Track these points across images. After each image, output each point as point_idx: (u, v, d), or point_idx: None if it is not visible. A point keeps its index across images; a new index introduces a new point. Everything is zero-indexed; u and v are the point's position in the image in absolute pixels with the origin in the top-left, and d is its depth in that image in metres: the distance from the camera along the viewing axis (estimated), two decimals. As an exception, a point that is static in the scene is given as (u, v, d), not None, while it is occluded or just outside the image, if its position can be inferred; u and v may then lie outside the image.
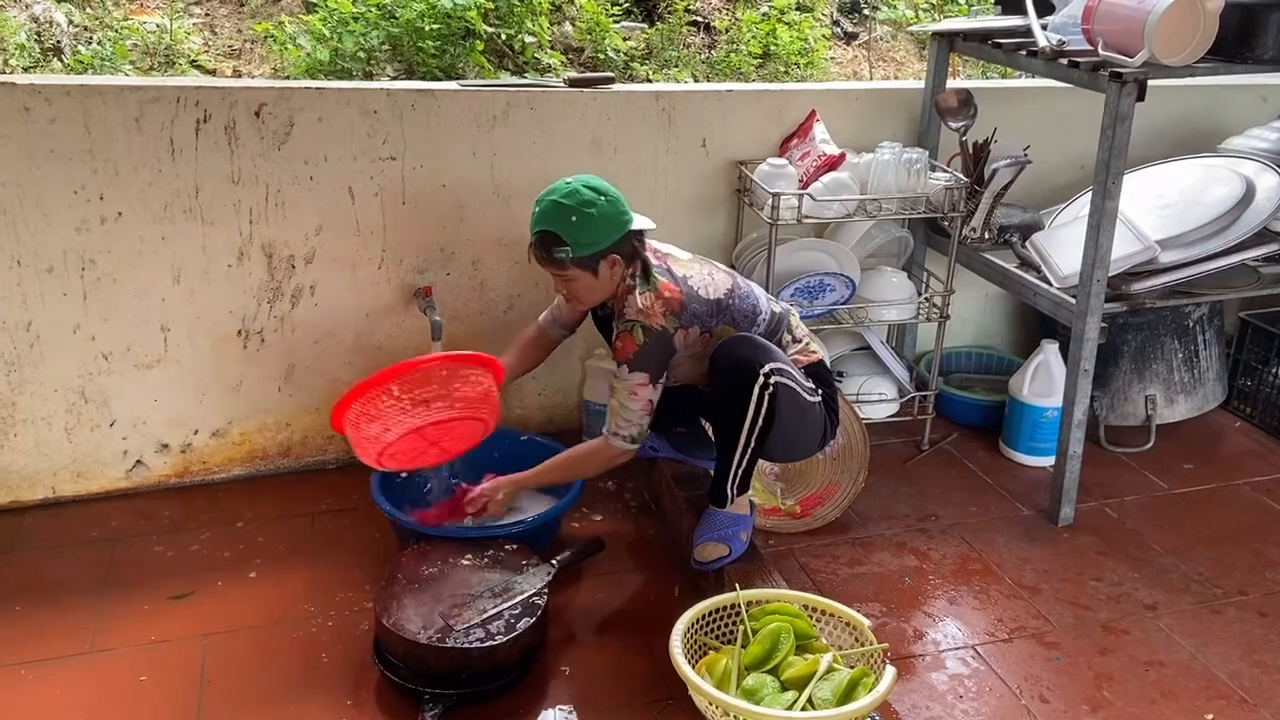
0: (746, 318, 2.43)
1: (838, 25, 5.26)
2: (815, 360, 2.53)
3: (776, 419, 2.33)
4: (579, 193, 2.31)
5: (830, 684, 1.97)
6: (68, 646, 2.30)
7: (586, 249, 2.31)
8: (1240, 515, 2.99)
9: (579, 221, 2.29)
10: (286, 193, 2.76)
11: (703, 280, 2.42)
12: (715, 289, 2.42)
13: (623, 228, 2.33)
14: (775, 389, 2.30)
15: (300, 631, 2.38)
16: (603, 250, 2.32)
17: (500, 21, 4.09)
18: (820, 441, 2.53)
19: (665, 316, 2.33)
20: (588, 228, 2.29)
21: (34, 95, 2.49)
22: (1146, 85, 2.55)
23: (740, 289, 2.47)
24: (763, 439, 2.36)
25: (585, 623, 2.46)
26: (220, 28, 4.30)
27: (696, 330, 2.39)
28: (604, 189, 2.35)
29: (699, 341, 2.41)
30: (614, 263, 2.34)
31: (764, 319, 2.46)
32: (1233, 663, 2.39)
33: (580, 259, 2.32)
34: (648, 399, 2.36)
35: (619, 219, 2.33)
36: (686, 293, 2.37)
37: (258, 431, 2.96)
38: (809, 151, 3.02)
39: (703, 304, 2.38)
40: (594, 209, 2.30)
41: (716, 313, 2.40)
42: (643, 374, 2.34)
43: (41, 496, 2.82)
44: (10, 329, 2.65)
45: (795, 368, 2.41)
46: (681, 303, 2.35)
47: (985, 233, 3.14)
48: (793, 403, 2.36)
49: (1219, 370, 3.43)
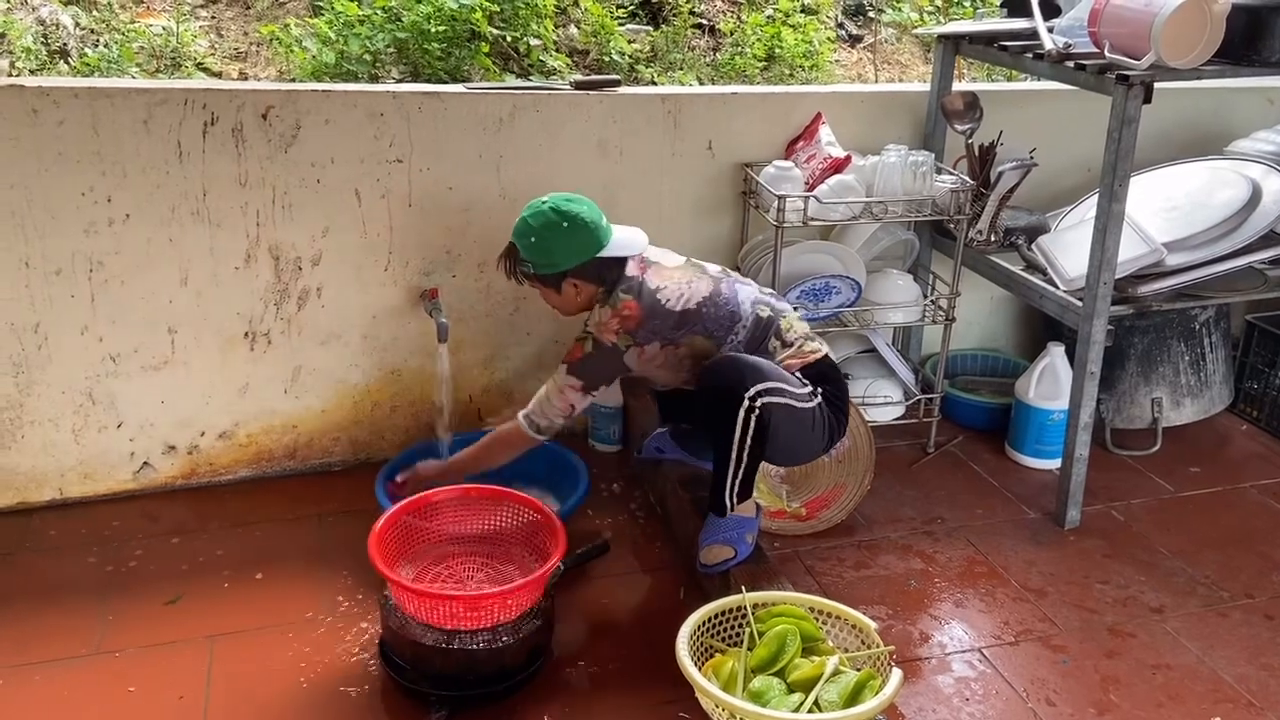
0: (722, 325, 2.40)
1: (842, 28, 5.26)
2: (814, 360, 2.45)
3: (770, 434, 2.31)
4: (545, 215, 2.38)
5: (837, 686, 1.97)
6: (74, 648, 2.31)
7: (545, 269, 2.42)
8: (1247, 518, 2.99)
9: (537, 243, 2.39)
10: (293, 195, 2.77)
11: (677, 291, 2.40)
12: (689, 299, 2.39)
13: (586, 254, 2.38)
14: (762, 410, 2.27)
15: (306, 633, 2.38)
16: (562, 272, 2.40)
17: (505, 24, 4.09)
18: (827, 442, 2.49)
19: (618, 334, 2.37)
20: (546, 251, 2.39)
21: (42, 98, 2.50)
22: (1153, 88, 2.55)
23: (721, 295, 2.42)
24: (757, 453, 2.34)
25: (591, 625, 2.46)
26: (226, 30, 4.31)
27: (656, 345, 2.39)
28: (573, 215, 2.38)
29: (660, 355, 2.41)
30: (575, 285, 2.42)
31: (744, 325, 2.41)
32: (1239, 666, 2.38)
33: (541, 276, 2.43)
34: (571, 403, 2.42)
35: (582, 246, 2.38)
36: (648, 309, 2.37)
37: (264, 433, 2.97)
38: (815, 154, 3.02)
39: (665, 317, 2.37)
40: (551, 233, 2.37)
41: (681, 324, 2.38)
42: (578, 380, 2.40)
43: (49, 498, 2.83)
44: (18, 330, 2.66)
45: (788, 376, 2.36)
46: (639, 321, 2.36)
47: (991, 235, 3.14)
48: (788, 417, 2.32)
49: (1225, 373, 3.43)
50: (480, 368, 3.12)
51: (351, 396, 3.02)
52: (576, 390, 2.41)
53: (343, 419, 3.03)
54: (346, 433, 3.04)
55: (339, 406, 3.01)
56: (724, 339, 2.40)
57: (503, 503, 2.46)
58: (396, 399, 3.06)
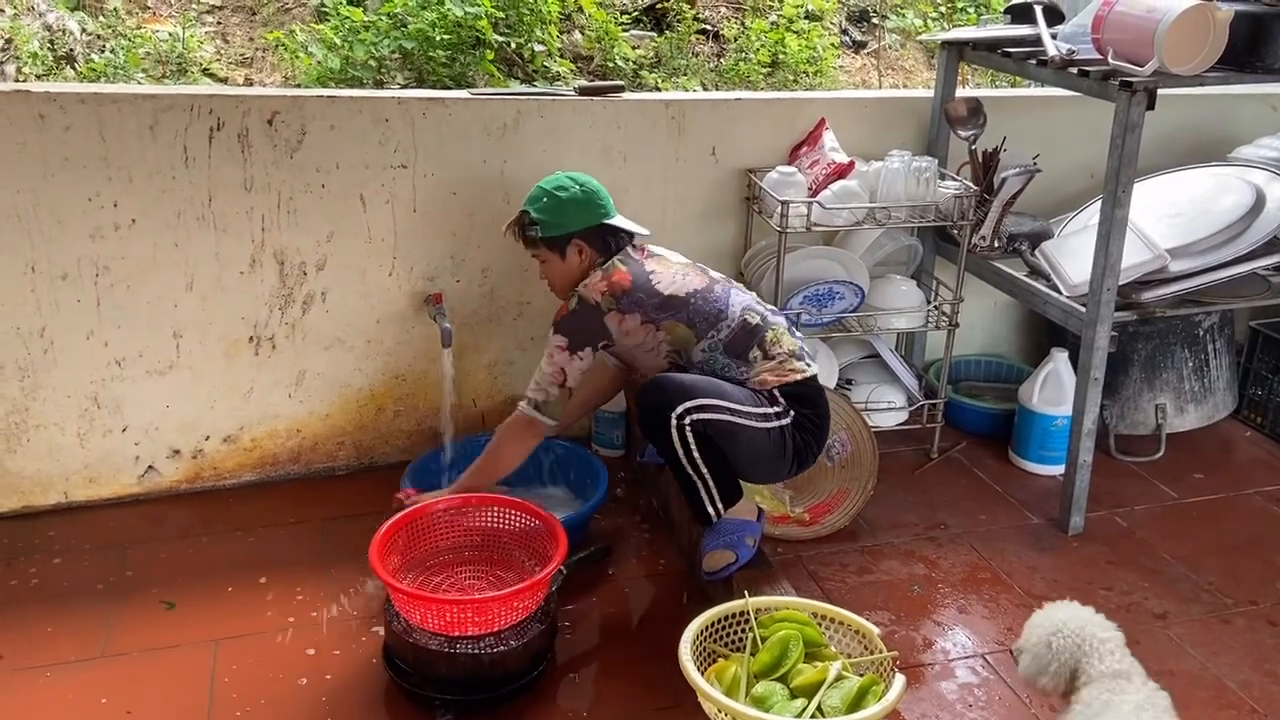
0: (706, 319, 2.41)
1: (846, 34, 5.27)
2: (794, 380, 2.40)
3: (717, 448, 2.33)
4: (558, 179, 2.51)
5: (839, 692, 1.97)
6: (79, 651, 2.31)
7: (554, 230, 2.48)
8: (1251, 525, 2.98)
9: (549, 203, 2.48)
10: (298, 200, 2.77)
11: (669, 278, 2.44)
12: (680, 288, 2.42)
13: (594, 218, 2.48)
14: (693, 426, 2.29)
15: (310, 637, 2.38)
16: (569, 233, 2.47)
17: (510, 30, 4.11)
18: (793, 465, 2.45)
19: (603, 296, 2.41)
20: (557, 210, 2.47)
21: (49, 103, 2.51)
22: (1156, 94, 2.55)
23: (713, 294, 2.44)
24: (716, 464, 2.34)
25: (594, 629, 2.46)
26: (232, 36, 4.32)
27: (637, 319, 2.40)
28: (584, 181, 2.50)
29: (640, 331, 2.41)
30: (580, 249, 2.48)
31: (728, 325, 2.41)
32: (1243, 672, 2.38)
33: (548, 239, 2.49)
34: (560, 366, 2.43)
35: (591, 209, 2.48)
36: (637, 281, 2.42)
37: (268, 437, 2.98)
38: (818, 160, 3.03)
39: (651, 295, 2.40)
40: (565, 193, 2.48)
41: (666, 307, 2.40)
42: (562, 338, 2.43)
43: (54, 501, 2.83)
44: (24, 335, 2.67)
45: (734, 394, 2.34)
46: (625, 289, 2.41)
47: (995, 241, 3.14)
48: (730, 433, 2.32)
49: (1229, 379, 3.42)
50: (484, 373, 3.13)
51: (356, 401, 3.02)
52: (562, 350, 2.42)
53: (347, 423, 3.04)
54: (350, 437, 3.05)
55: (343, 411, 3.02)
56: (705, 333, 2.41)
57: (503, 509, 2.47)
58: (400, 404, 3.07)
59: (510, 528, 2.46)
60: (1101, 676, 1.81)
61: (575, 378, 2.46)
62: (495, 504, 2.47)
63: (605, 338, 2.44)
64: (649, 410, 2.33)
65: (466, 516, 2.47)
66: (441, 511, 2.44)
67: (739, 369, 2.41)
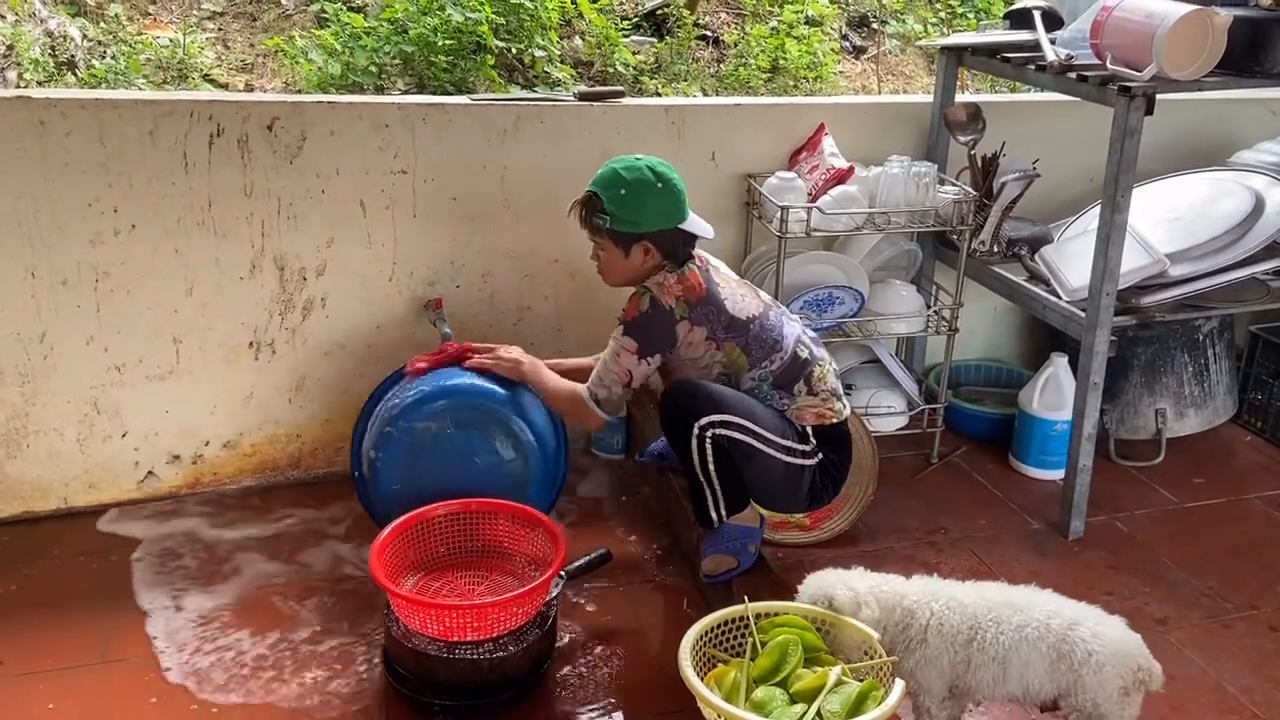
0: (763, 348, 2.36)
1: (846, 39, 5.28)
2: (831, 422, 2.40)
3: (733, 465, 2.31)
4: (641, 171, 2.32)
5: (839, 697, 1.96)
6: (79, 657, 2.31)
7: (625, 225, 2.33)
8: (1251, 529, 2.98)
9: (627, 196, 2.31)
10: (298, 206, 2.78)
11: (733, 297, 2.38)
12: (743, 310, 2.37)
13: (670, 221, 2.33)
14: (715, 439, 2.27)
15: (309, 642, 2.38)
16: (640, 233, 2.33)
17: (510, 36, 4.11)
18: (807, 502, 2.44)
19: (678, 301, 2.33)
20: (634, 206, 2.31)
21: (49, 109, 2.52)
22: (1155, 99, 2.56)
23: (769, 322, 2.39)
24: (727, 475, 2.33)
25: (594, 634, 2.46)
26: (232, 42, 4.33)
27: (703, 332, 2.34)
28: (669, 178, 2.34)
29: (701, 345, 2.36)
30: (647, 250, 2.35)
31: (782, 357, 2.38)
32: (1244, 677, 2.38)
33: (616, 233, 2.34)
34: (628, 368, 2.35)
35: (670, 212, 2.33)
36: (710, 294, 2.35)
37: (268, 443, 2.98)
38: (818, 165, 3.03)
39: (721, 312, 2.35)
40: (648, 192, 2.31)
41: (731, 328, 2.35)
42: (633, 342, 2.33)
43: (54, 507, 2.83)
44: (24, 340, 2.67)
45: (766, 419, 2.32)
46: (701, 297, 2.33)
47: (994, 246, 3.14)
48: (748, 455, 2.31)
49: (1229, 384, 3.42)
50: (484, 378, 3.13)
51: (355, 407, 3.01)
52: (632, 354, 2.33)
53: (346, 429, 3.02)
54: (350, 443, 3.04)
55: (343, 416, 3.01)
56: (759, 362, 2.37)
57: (503, 514, 2.46)
58: (400, 409, 3.06)
59: (510, 532, 2.46)
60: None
61: (640, 381, 2.40)
62: (495, 509, 2.47)
63: (673, 345, 2.36)
64: (675, 411, 2.30)
65: (466, 521, 2.47)
66: (443, 515, 2.44)
67: (781, 400, 2.39)
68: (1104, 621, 1.99)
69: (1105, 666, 1.92)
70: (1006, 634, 1.97)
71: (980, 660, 1.97)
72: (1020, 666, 1.96)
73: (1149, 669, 1.95)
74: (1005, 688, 1.98)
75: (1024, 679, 1.96)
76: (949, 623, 1.99)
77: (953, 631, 1.98)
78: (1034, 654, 1.95)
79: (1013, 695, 2.00)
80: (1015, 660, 1.96)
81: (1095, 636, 1.94)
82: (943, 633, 1.99)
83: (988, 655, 1.96)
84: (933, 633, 1.99)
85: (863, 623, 2.00)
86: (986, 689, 1.99)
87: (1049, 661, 1.95)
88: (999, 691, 1.99)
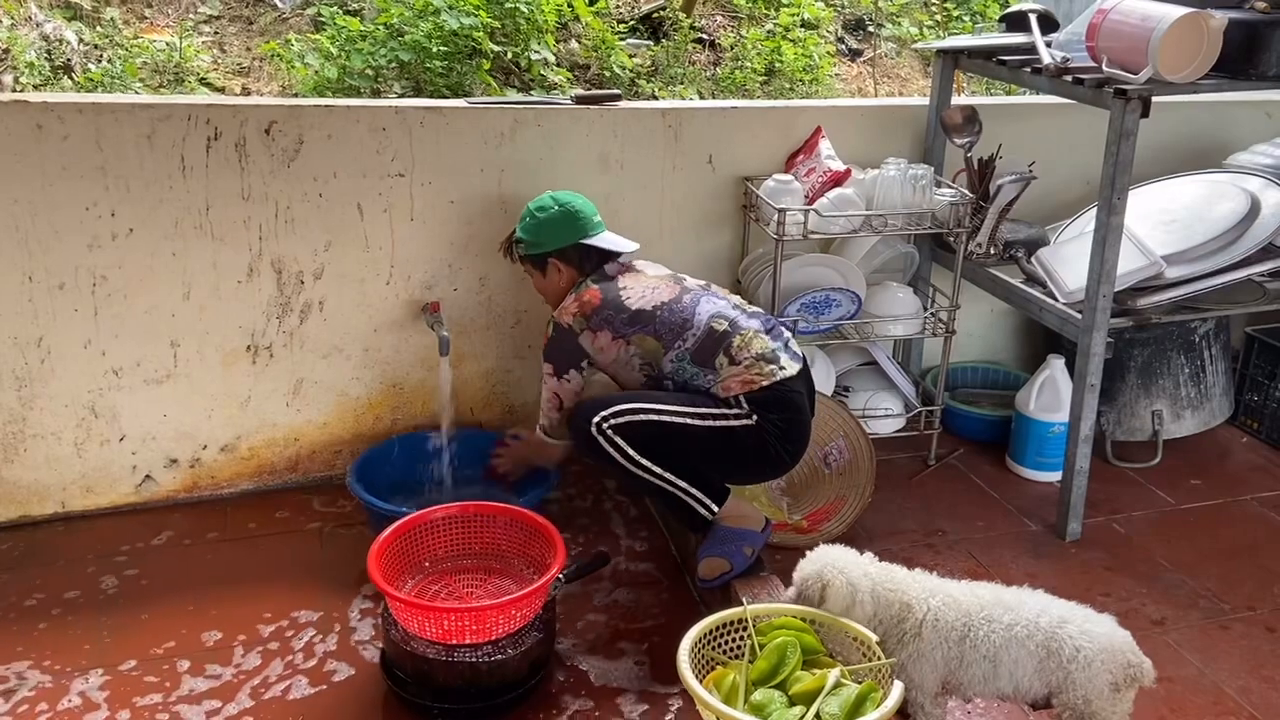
0: (671, 331, 2.45)
1: (842, 42, 5.29)
2: (762, 385, 2.37)
3: (658, 448, 2.35)
4: (544, 200, 2.65)
5: (838, 699, 1.96)
6: (76, 661, 2.31)
7: (533, 248, 2.64)
8: (1247, 530, 2.99)
9: (530, 223, 2.64)
10: (296, 209, 2.78)
11: (640, 292, 2.52)
12: (648, 301, 2.49)
13: (569, 238, 2.60)
14: (613, 429, 2.33)
15: (307, 646, 2.38)
16: (547, 252, 2.62)
17: (507, 40, 4.12)
18: (754, 463, 2.45)
19: (574, 317, 2.53)
20: (536, 229, 2.63)
21: (46, 113, 2.52)
22: (1150, 102, 2.56)
23: (680, 304, 2.48)
24: (672, 466, 2.37)
25: (592, 637, 2.46)
26: (229, 46, 4.33)
27: (608, 335, 2.49)
28: (565, 201, 2.63)
29: (611, 346, 2.50)
30: (558, 267, 2.62)
31: (693, 334, 2.43)
32: (1241, 678, 2.38)
33: (530, 257, 2.66)
34: (554, 391, 2.61)
35: (567, 229, 2.61)
36: (606, 299, 2.52)
37: (266, 446, 2.97)
38: (815, 167, 3.04)
39: (620, 310, 2.49)
40: (544, 214, 2.62)
41: (634, 321, 2.47)
42: (549, 365, 2.60)
43: (51, 511, 2.83)
44: (21, 344, 2.67)
45: (658, 397, 2.38)
46: (595, 307, 2.51)
47: (991, 248, 3.15)
48: (658, 433, 2.34)
49: (1225, 385, 3.43)
50: (481, 381, 3.13)
51: (353, 410, 3.02)
52: (550, 376, 2.59)
53: (344, 432, 3.04)
54: (348, 446, 3.05)
55: (340, 420, 3.01)
56: (671, 344, 2.45)
57: (501, 517, 2.47)
58: (398, 412, 3.07)
59: (508, 536, 2.46)
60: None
61: (570, 399, 2.59)
62: (493, 512, 2.47)
63: (584, 357, 2.56)
64: (576, 434, 2.42)
65: (465, 525, 2.47)
66: (441, 518, 2.44)
67: (705, 377, 2.42)
68: (1092, 619, 2.00)
69: (1094, 663, 1.93)
70: (997, 632, 1.98)
71: (972, 657, 1.98)
72: (1010, 664, 1.97)
73: (1139, 664, 1.96)
74: (995, 685, 2.00)
75: (1014, 676, 1.98)
76: (944, 619, 2.00)
77: (947, 627, 2.00)
78: (1023, 652, 1.97)
79: (1003, 693, 2.02)
80: (1005, 658, 1.97)
81: (1083, 634, 1.96)
82: (938, 628, 2.00)
83: (979, 653, 1.98)
84: (928, 628, 2.00)
85: (855, 620, 2.01)
86: (977, 686, 2.01)
87: (1038, 659, 1.96)
88: (989, 689, 2.01)
